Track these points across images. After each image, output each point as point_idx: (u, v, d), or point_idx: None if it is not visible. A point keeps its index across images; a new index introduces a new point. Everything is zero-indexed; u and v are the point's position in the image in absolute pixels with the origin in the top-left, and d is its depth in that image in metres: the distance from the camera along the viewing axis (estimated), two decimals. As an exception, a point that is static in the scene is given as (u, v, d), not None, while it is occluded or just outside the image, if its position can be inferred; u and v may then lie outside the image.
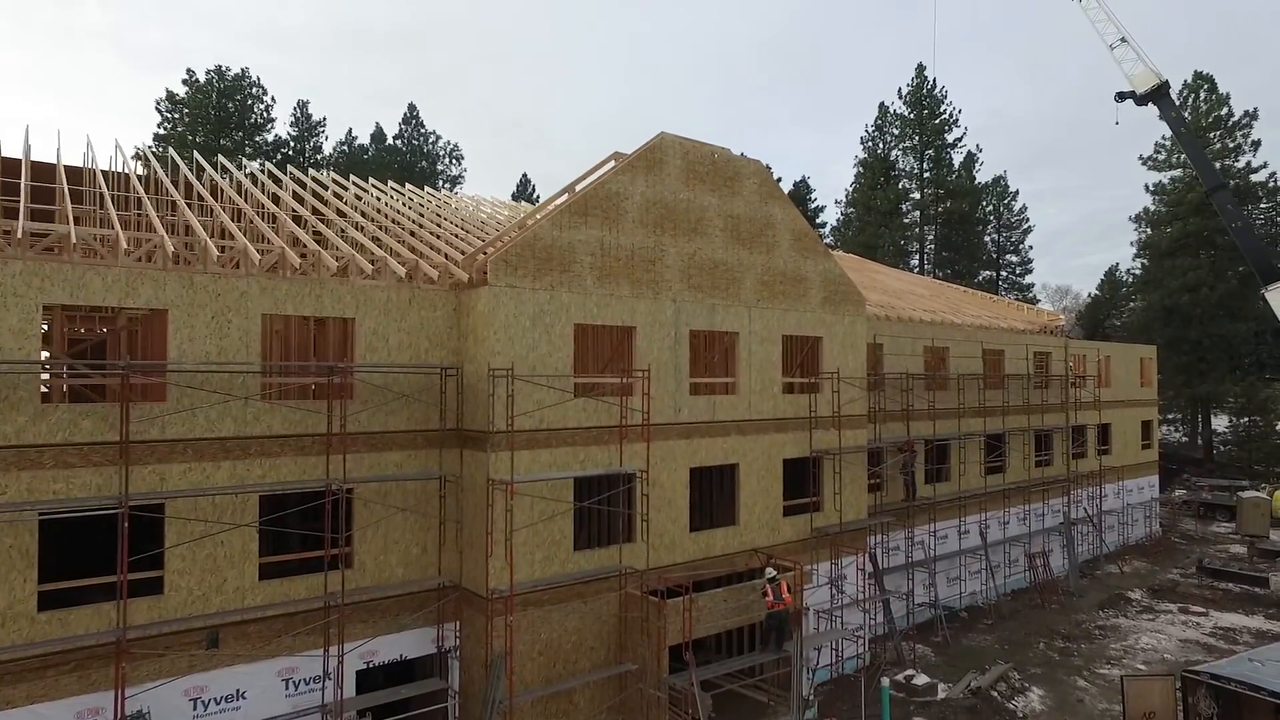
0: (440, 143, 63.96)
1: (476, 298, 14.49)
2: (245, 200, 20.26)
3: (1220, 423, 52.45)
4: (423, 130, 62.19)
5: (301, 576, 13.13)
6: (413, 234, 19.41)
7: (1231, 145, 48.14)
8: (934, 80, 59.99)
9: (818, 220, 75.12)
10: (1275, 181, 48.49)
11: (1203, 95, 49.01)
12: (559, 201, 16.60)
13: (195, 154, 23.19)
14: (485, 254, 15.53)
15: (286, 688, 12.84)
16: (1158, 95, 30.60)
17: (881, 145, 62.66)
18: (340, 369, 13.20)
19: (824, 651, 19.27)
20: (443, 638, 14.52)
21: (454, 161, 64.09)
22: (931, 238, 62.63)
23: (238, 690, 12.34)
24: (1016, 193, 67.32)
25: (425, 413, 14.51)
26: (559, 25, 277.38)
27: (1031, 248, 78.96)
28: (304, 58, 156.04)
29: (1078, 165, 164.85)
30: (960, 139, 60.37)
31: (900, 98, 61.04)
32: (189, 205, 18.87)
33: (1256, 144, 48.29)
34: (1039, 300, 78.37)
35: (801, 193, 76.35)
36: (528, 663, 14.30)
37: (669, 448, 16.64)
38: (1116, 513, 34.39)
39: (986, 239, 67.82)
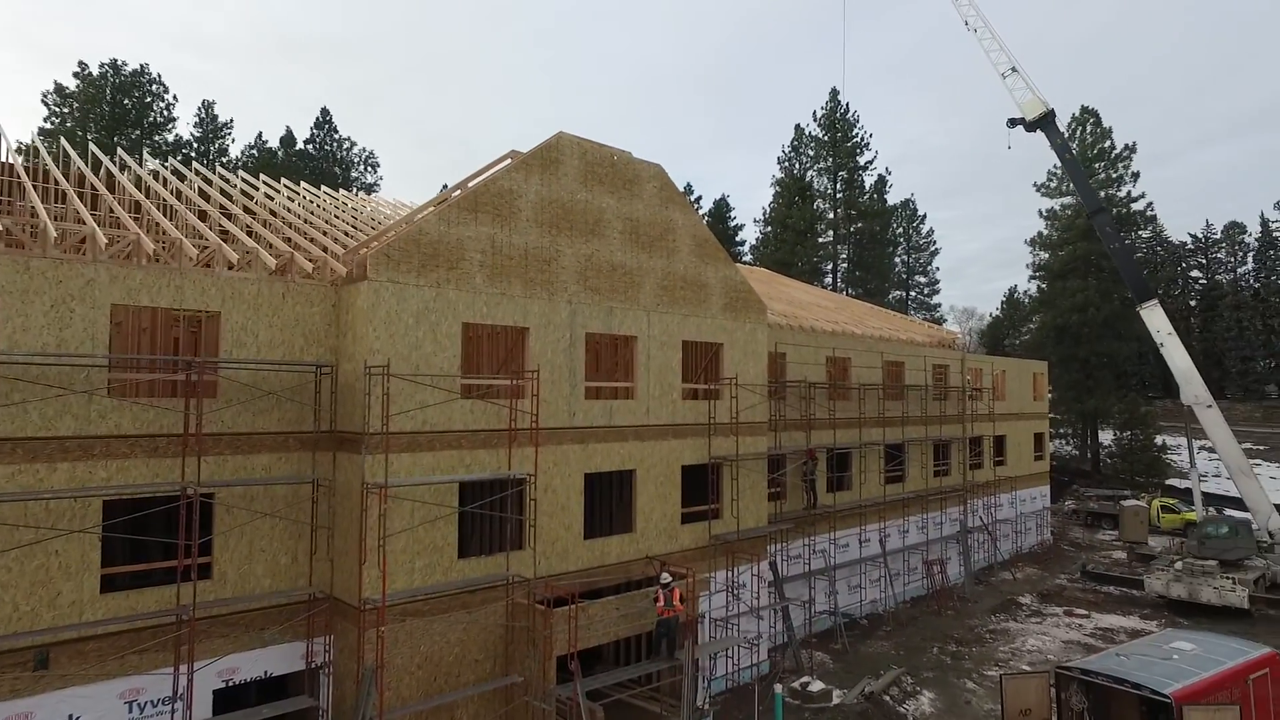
0: (355, 150, 62.29)
1: (356, 293, 13.85)
2: (116, 191, 19.00)
3: (1107, 436, 55.51)
4: (336, 136, 60.40)
5: (153, 589, 12.13)
6: (297, 229, 18.53)
7: (1114, 175, 51.46)
8: (846, 105, 62.17)
9: (737, 239, 76.50)
10: (1151, 210, 52.12)
11: (1088, 128, 52.31)
12: (453, 197, 16.11)
13: (64, 144, 21.63)
14: (369, 248, 14.89)
15: (130, 710, 11.78)
16: (1045, 122, 32.32)
17: (798, 166, 64.37)
18: (198, 364, 12.32)
19: (721, 660, 19.11)
20: (313, 653, 13.66)
21: (369, 169, 62.45)
22: (844, 256, 64.50)
23: (70, 715, 11.22)
24: (924, 216, 70.27)
25: (299, 413, 13.73)
26: (490, 43, 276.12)
27: (939, 269, 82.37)
28: (231, 64, 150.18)
29: (989, 196, 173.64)
30: (871, 162, 62.66)
31: (815, 120, 62.95)
32: (54, 194, 17.54)
33: (1136, 175, 51.80)
34: (946, 320, 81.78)
35: (721, 211, 77.67)
36: (406, 676, 13.59)
37: (563, 452, 16.26)
38: (1011, 521, 35.75)
39: (897, 260, 70.36)
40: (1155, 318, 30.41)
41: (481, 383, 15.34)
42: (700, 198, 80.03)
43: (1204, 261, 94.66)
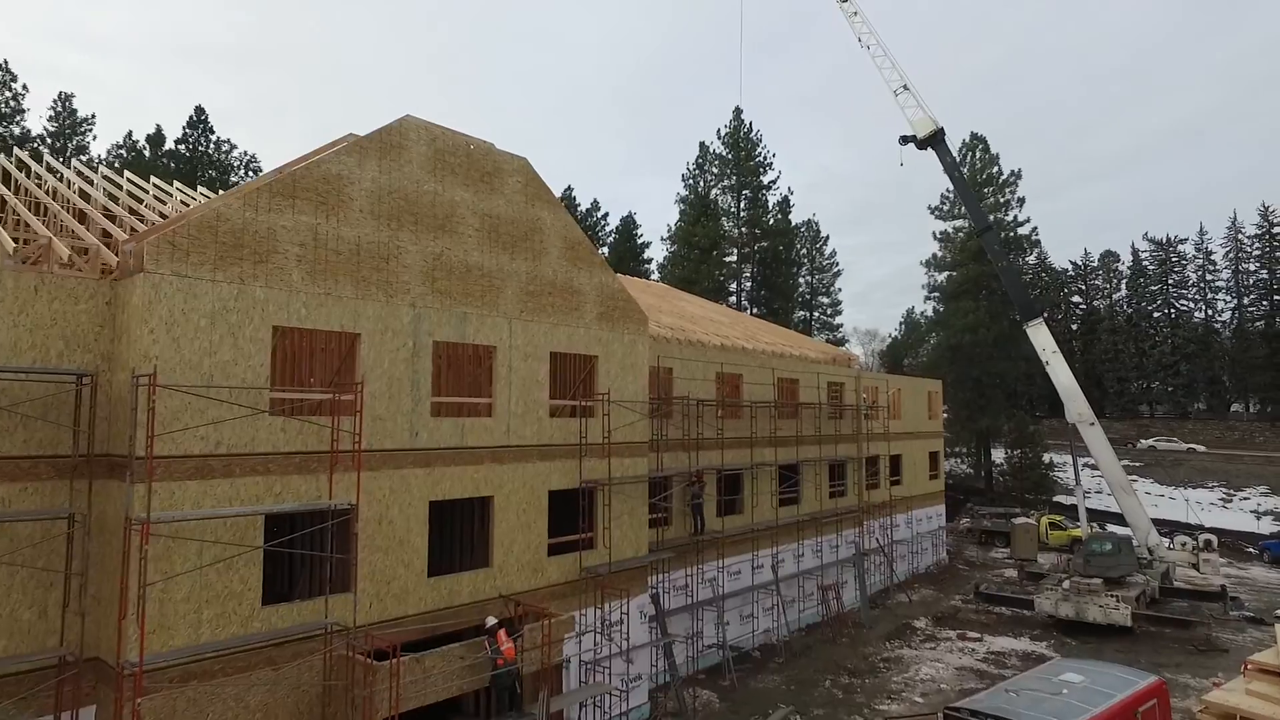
0: (235, 153, 58.06)
1: (131, 288, 11.44)
2: None
3: (999, 454, 56.86)
4: (211, 136, 56.11)
5: None
6: (81, 216, 15.79)
7: (1001, 200, 53.17)
8: (750, 124, 62.36)
9: (644, 256, 75.62)
10: (1036, 235, 54.09)
11: (977, 153, 53.99)
12: (265, 180, 13.86)
13: None
14: (151, 235, 12.48)
15: None
16: (935, 141, 32.44)
17: (702, 184, 64.06)
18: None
19: (590, 710, 17.19)
20: (64, 732, 11.00)
21: (250, 173, 58.23)
22: (748, 276, 64.38)
23: None
24: (827, 238, 71.16)
25: (55, 434, 11.15)
26: (404, 56, 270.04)
27: (841, 290, 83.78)
28: (134, 66, 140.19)
29: (896, 223, 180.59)
30: (775, 181, 62.94)
31: (719, 138, 62.86)
32: None
33: (1021, 200, 53.75)
34: (848, 341, 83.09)
35: (629, 228, 76.71)
36: (184, 756, 11.09)
37: (403, 478, 14.12)
38: (907, 542, 35.37)
39: (801, 280, 70.89)
40: (1040, 336, 30.67)
41: (296, 397, 13.08)
42: (607, 214, 78.81)
43: (1083, 288, 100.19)
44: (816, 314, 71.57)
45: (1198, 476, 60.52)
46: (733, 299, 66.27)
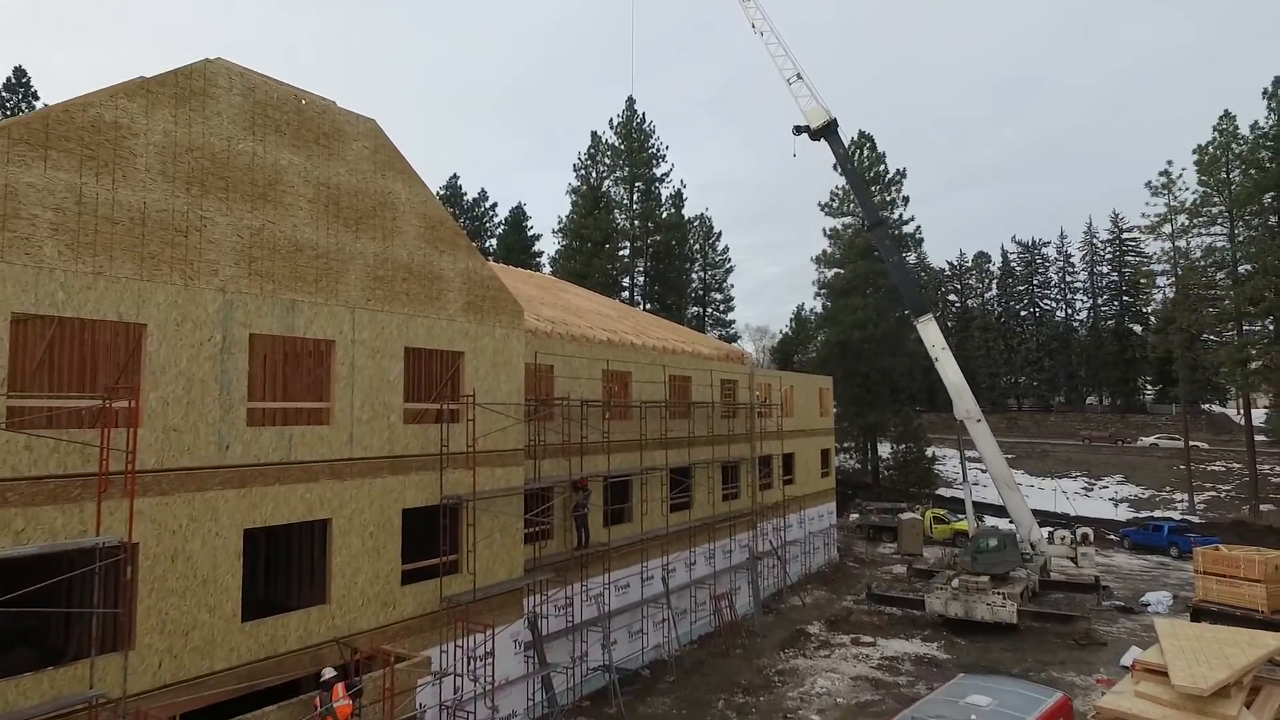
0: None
1: None
2: None
3: (884, 449, 57.98)
4: (37, 102, 49.31)
5: None
6: None
7: (888, 199, 54.05)
8: (643, 114, 60.85)
9: (534, 249, 72.93)
10: (920, 234, 55.42)
11: (864, 151, 54.65)
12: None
13: None
14: None
15: None
16: (828, 131, 31.77)
17: (594, 174, 62.09)
18: None
19: (454, 759, 14.92)
20: None
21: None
22: (641, 270, 62.94)
23: None
24: (720, 233, 70.70)
25: None
26: (287, 37, 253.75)
27: (734, 287, 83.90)
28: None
29: (785, 223, 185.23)
30: (668, 174, 61.85)
31: (612, 128, 61.07)
32: None
33: (906, 199, 54.84)
34: (740, 338, 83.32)
35: (518, 220, 73.78)
36: None
37: (207, 502, 11.39)
38: (800, 542, 34.71)
39: (694, 276, 70.16)
40: (930, 332, 30.53)
41: (44, 405, 10.17)
42: (495, 205, 75.62)
43: (959, 287, 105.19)
44: (709, 310, 71.04)
45: (1063, 467, 63.94)
46: (626, 294, 64.70)
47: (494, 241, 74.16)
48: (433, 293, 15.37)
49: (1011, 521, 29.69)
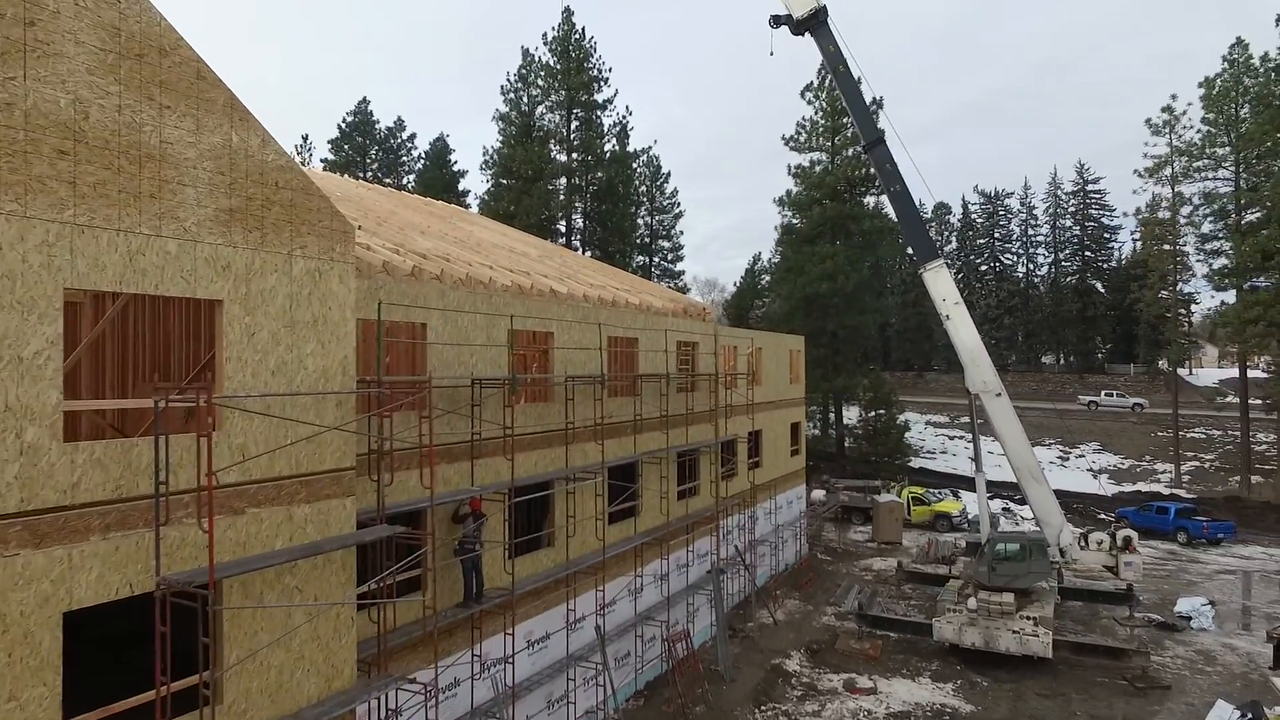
0: None
1: None
2: None
3: (850, 415, 52.37)
4: None
5: None
6: None
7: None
8: (583, 30, 52.24)
9: (460, 187, 64.18)
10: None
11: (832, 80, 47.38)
12: None
13: None
14: None
15: None
16: (815, 23, 24.58)
17: (525, 99, 53.45)
18: None
19: None
20: None
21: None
22: (580, 211, 55.12)
23: None
24: (669, 174, 63.17)
25: None
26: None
27: (683, 234, 76.83)
28: None
29: (731, 178, 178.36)
30: (611, 101, 53.54)
31: (546, 44, 52.34)
32: None
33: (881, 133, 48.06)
34: (690, 290, 76.41)
35: (441, 153, 64.87)
36: None
37: None
38: (767, 538, 28.50)
39: (640, 221, 62.63)
40: (940, 283, 24.14)
41: None
42: (414, 135, 66.25)
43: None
44: (656, 259, 63.79)
45: (1034, 434, 59.30)
46: (563, 240, 56.87)
47: (412, 178, 65.05)
48: (145, 185, 7.86)
49: (1035, 520, 23.88)
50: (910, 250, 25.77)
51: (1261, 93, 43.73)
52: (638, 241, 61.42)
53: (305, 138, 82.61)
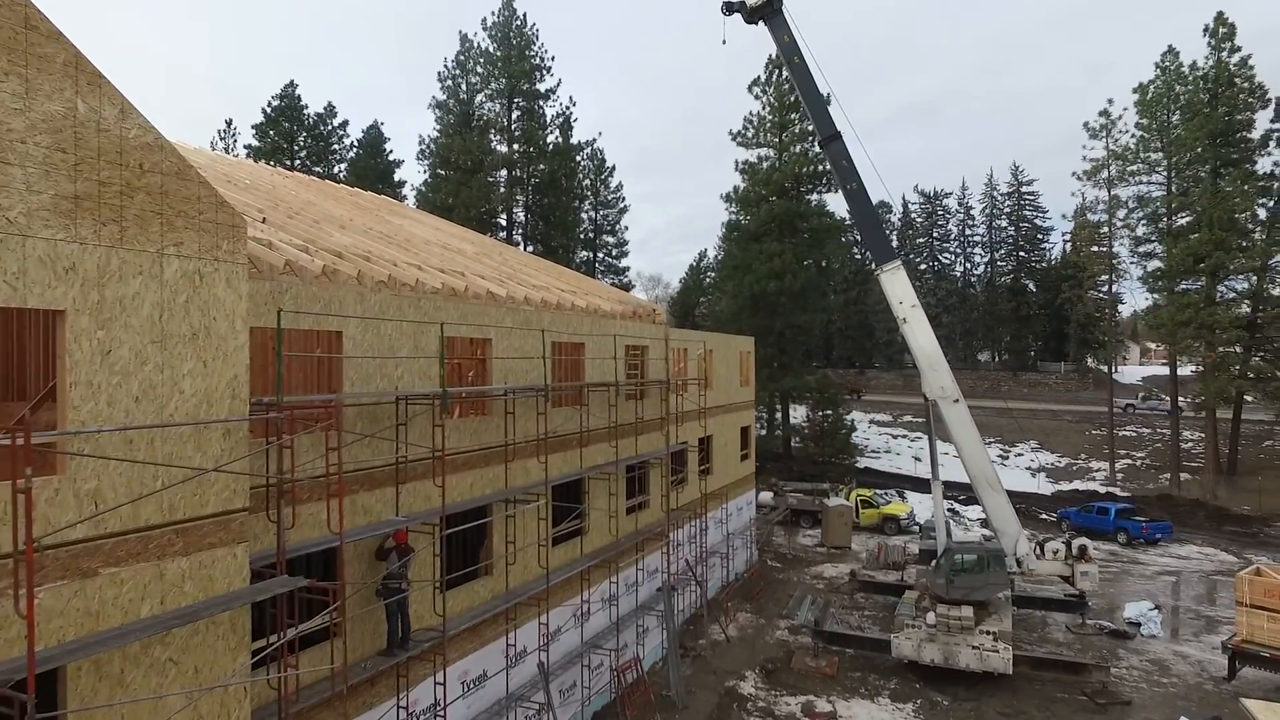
0: None
1: None
2: None
3: (797, 415, 51.88)
4: None
5: None
6: None
7: (810, 129, 46.56)
8: (524, 16, 50.28)
9: (396, 177, 61.36)
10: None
11: (783, 73, 46.67)
12: None
13: None
14: None
15: None
16: (769, 11, 23.50)
17: (464, 86, 51.18)
18: None
19: None
20: None
21: None
22: (522, 205, 53.16)
23: None
24: (614, 168, 61.65)
25: None
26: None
27: (628, 229, 75.43)
28: None
29: (675, 173, 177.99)
30: (554, 90, 51.74)
31: (485, 30, 50.19)
32: None
33: (832, 133, 47.59)
34: (634, 287, 75.09)
35: (375, 141, 61.84)
36: None
37: None
38: (718, 548, 27.40)
39: (584, 216, 60.98)
40: (897, 285, 23.34)
41: None
42: (346, 123, 63.00)
43: (856, 237, 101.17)
44: (601, 255, 62.28)
45: (974, 431, 60.25)
46: (504, 234, 54.83)
47: (344, 167, 61.88)
48: (-52, 161, 6.05)
49: (983, 522, 23.33)
50: (868, 251, 24.93)
51: (1191, 100, 44.76)
52: (581, 237, 59.81)
53: (229, 122, 77.82)
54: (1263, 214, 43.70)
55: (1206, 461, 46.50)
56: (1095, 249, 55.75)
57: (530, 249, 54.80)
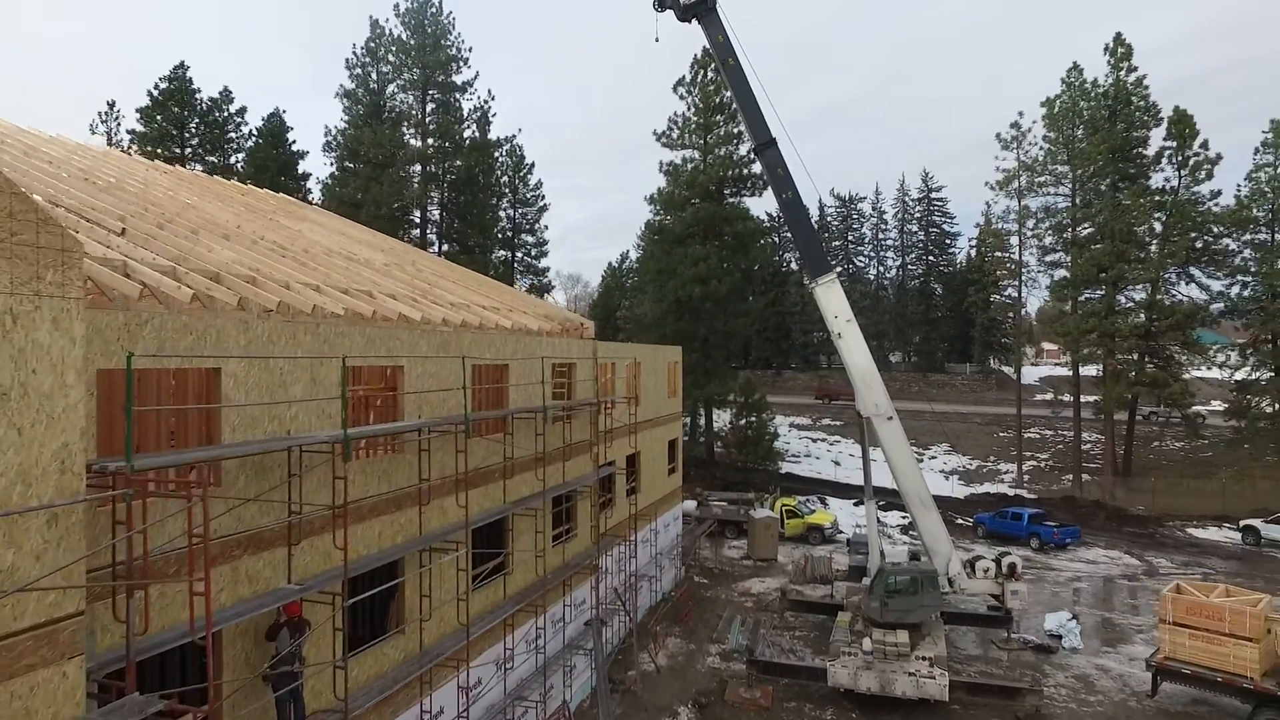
0: None
1: None
2: None
3: (720, 420, 51.41)
4: None
5: None
6: None
7: (734, 132, 46.08)
8: (440, 3, 47.73)
9: (300, 169, 57.37)
10: (761, 179, 48.29)
11: (708, 73, 45.98)
12: None
13: None
14: None
15: None
16: (703, 9, 22.44)
17: (375, 75, 48.22)
18: None
19: None
20: None
21: None
22: (437, 202, 50.58)
23: None
24: (533, 165, 59.62)
25: None
26: None
27: (547, 228, 73.49)
28: None
29: (595, 169, 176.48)
30: (472, 83, 49.41)
31: (398, 15, 47.37)
32: None
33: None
34: (554, 288, 73.19)
35: (277, 130, 57.59)
36: None
37: None
38: (648, 574, 26.26)
39: (502, 214, 58.71)
40: (833, 298, 22.73)
41: None
42: (244, 110, 58.48)
43: (776, 240, 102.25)
44: (519, 254, 60.19)
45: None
46: (417, 233, 52.04)
47: (241, 157, 57.46)
48: None
49: (905, 529, 23.04)
50: (803, 261, 24.25)
51: (1094, 116, 46.57)
52: (499, 236, 57.56)
53: (112, 104, 70.98)
54: (1158, 227, 45.86)
55: (1105, 463, 48.60)
56: (1000, 254, 57.74)
57: (446, 248, 52.27)
